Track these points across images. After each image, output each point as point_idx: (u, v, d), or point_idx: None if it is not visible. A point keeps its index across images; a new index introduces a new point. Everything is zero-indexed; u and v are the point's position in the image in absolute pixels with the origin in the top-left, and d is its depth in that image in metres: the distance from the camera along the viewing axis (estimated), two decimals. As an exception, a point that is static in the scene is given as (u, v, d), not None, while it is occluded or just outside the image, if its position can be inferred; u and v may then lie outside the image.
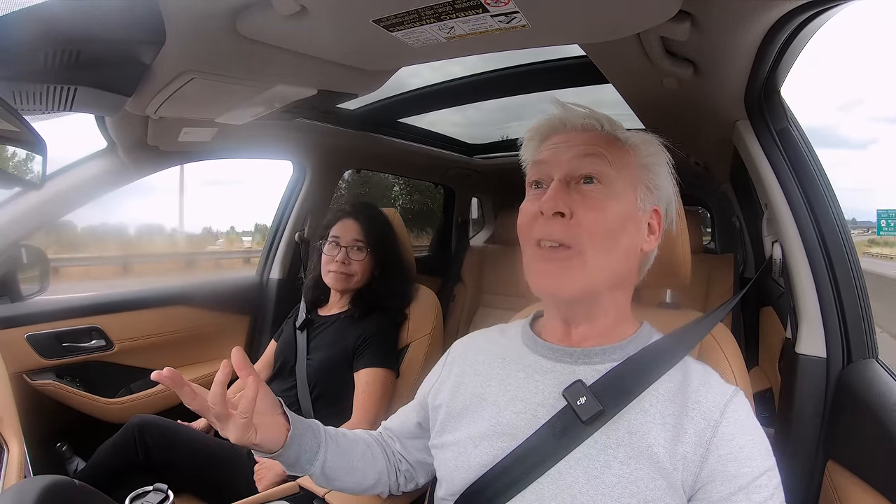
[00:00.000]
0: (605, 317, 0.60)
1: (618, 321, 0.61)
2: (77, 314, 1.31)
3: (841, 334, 0.82)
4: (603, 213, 0.55)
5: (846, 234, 0.86)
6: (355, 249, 1.28)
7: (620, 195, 0.56)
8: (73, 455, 1.18)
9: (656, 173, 0.60)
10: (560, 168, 0.57)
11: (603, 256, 0.55)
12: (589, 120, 0.60)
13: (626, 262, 0.58)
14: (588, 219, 0.54)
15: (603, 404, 0.54)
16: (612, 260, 0.56)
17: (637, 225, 0.58)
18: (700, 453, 0.51)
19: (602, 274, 0.55)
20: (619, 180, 0.57)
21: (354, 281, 1.28)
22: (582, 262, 0.54)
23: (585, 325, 0.60)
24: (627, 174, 0.58)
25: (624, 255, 0.57)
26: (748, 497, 0.49)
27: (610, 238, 0.55)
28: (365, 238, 1.29)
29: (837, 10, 0.64)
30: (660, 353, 0.58)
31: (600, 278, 0.56)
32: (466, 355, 0.69)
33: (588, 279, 0.55)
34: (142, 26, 0.69)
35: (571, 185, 0.56)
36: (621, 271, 0.58)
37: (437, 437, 0.65)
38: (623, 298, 0.61)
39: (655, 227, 0.61)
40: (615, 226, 0.55)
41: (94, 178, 1.22)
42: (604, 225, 0.55)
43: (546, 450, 0.54)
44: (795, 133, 0.93)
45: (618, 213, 0.56)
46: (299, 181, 1.77)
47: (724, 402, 0.53)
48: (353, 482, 0.68)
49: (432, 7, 0.60)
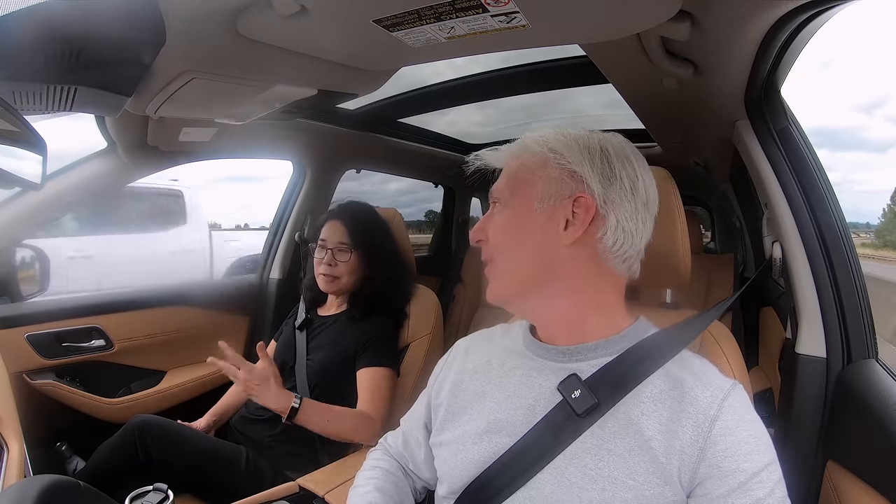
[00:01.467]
0: (555, 313, 0.60)
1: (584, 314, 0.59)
2: (77, 314, 1.31)
3: (841, 334, 0.82)
4: (501, 227, 0.61)
5: (846, 234, 0.86)
6: (340, 251, 1.27)
7: (512, 205, 0.61)
8: (73, 455, 1.17)
9: (558, 163, 0.58)
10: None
11: (508, 261, 0.60)
12: (496, 156, 0.65)
13: (538, 259, 0.58)
14: (492, 237, 0.62)
15: (598, 397, 0.54)
16: (518, 262, 0.60)
17: (538, 226, 0.58)
18: (697, 448, 0.50)
19: (511, 276, 0.61)
20: (513, 192, 0.61)
21: (342, 283, 1.27)
22: (494, 269, 0.62)
23: (543, 325, 0.63)
24: (518, 182, 0.61)
25: (531, 255, 0.59)
26: (749, 493, 0.49)
27: (508, 247, 0.60)
28: (350, 240, 1.27)
29: (837, 9, 0.64)
30: (656, 346, 0.58)
31: (513, 280, 0.61)
32: (468, 354, 0.69)
33: (501, 283, 0.61)
34: (142, 26, 0.69)
35: (491, 213, 0.64)
36: (535, 268, 0.59)
37: (437, 436, 0.66)
38: (568, 291, 0.59)
39: (582, 216, 0.57)
40: (511, 232, 0.60)
41: (94, 178, 1.22)
42: (501, 239, 0.61)
43: (544, 445, 0.54)
44: (795, 133, 0.93)
45: (512, 221, 0.60)
46: (299, 181, 1.77)
47: (722, 395, 0.52)
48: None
49: (432, 7, 0.60)
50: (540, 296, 0.60)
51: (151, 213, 3.64)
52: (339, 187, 1.89)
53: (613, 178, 0.58)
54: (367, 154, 1.89)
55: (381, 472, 0.72)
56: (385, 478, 0.71)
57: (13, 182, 0.67)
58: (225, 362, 1.08)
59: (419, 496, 0.75)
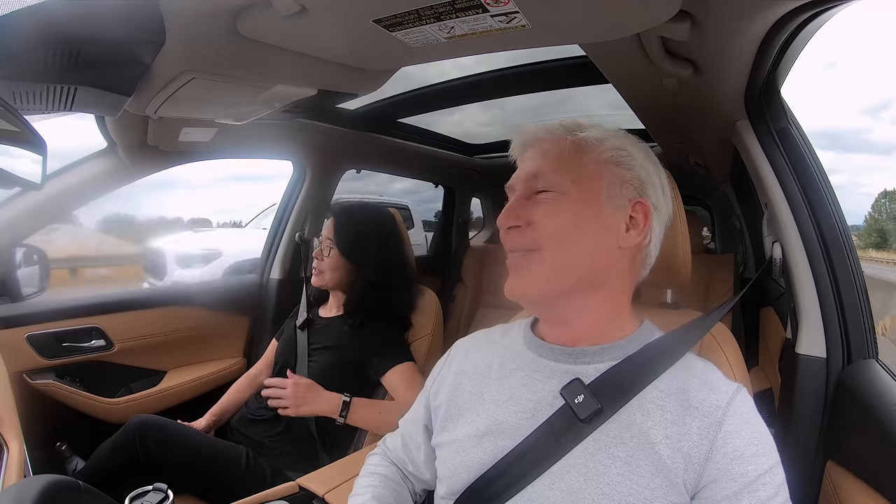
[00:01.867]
0: (586, 318, 0.59)
1: (608, 319, 0.60)
2: (77, 314, 1.31)
3: (841, 334, 0.82)
4: (558, 217, 0.56)
5: (846, 234, 0.86)
6: (325, 247, 1.29)
7: (577, 197, 0.57)
8: (73, 455, 1.18)
9: (628, 166, 0.58)
10: (519, 184, 0.60)
11: (562, 257, 0.56)
12: (543, 133, 0.61)
13: (594, 261, 0.57)
14: (545, 225, 0.56)
15: (601, 402, 0.53)
16: (572, 260, 0.56)
17: (603, 223, 0.57)
18: (703, 451, 0.50)
19: (561, 274, 0.56)
20: (574, 184, 0.57)
21: (325, 278, 1.28)
22: (540, 261, 0.56)
23: (562, 327, 0.60)
24: (585, 175, 0.57)
25: (588, 255, 0.56)
26: (753, 494, 0.49)
27: (567, 239, 0.56)
28: (334, 237, 1.29)
29: (837, 9, 0.64)
30: (659, 351, 0.58)
31: (560, 278, 0.56)
32: (468, 355, 0.69)
33: (545, 280, 0.56)
34: (142, 26, 0.69)
35: (531, 197, 0.59)
36: (587, 271, 0.57)
37: (437, 436, 0.65)
38: (605, 298, 0.59)
39: (640, 221, 0.58)
40: (572, 228, 0.56)
41: (94, 178, 1.22)
42: (560, 228, 0.56)
43: (545, 449, 0.54)
44: (795, 133, 0.93)
45: (574, 215, 0.56)
46: (299, 181, 1.77)
47: (728, 399, 0.53)
48: None
49: (432, 7, 0.60)
50: (577, 296, 0.58)
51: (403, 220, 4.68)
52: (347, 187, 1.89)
53: (663, 188, 0.60)
54: (368, 154, 1.89)
55: (380, 479, 0.71)
56: (383, 484, 0.71)
57: (13, 182, 0.67)
58: (270, 391, 1.13)
59: (419, 499, 0.75)
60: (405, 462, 0.74)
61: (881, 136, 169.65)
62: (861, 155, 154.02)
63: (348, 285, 1.29)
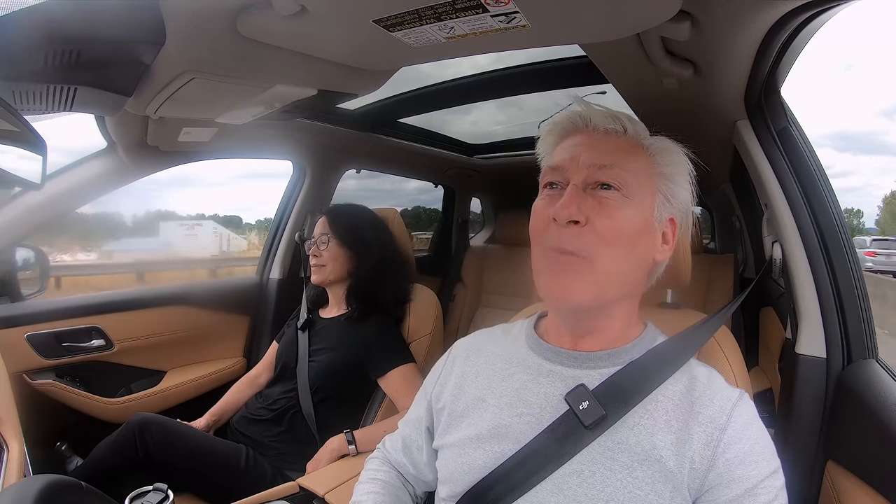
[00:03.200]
0: (611, 325, 0.59)
1: (623, 329, 0.60)
2: (77, 314, 1.31)
3: (841, 334, 0.82)
4: (619, 221, 0.53)
5: (846, 234, 0.86)
6: (322, 242, 1.31)
7: (637, 204, 0.54)
8: (73, 455, 1.18)
9: (676, 183, 0.58)
10: (578, 173, 0.55)
11: (614, 266, 0.53)
12: (612, 123, 0.57)
13: (637, 272, 0.57)
14: (603, 227, 0.52)
15: (606, 409, 0.53)
16: (622, 270, 0.54)
17: (651, 235, 0.57)
18: (708, 457, 0.50)
19: (612, 284, 0.54)
20: (637, 189, 0.54)
21: (328, 271, 1.29)
22: (591, 269, 0.52)
23: (591, 335, 0.59)
24: (646, 183, 0.56)
25: (635, 266, 0.56)
26: (754, 499, 0.49)
27: (623, 248, 0.53)
28: (330, 229, 1.31)
29: (837, 9, 0.64)
30: (663, 357, 0.58)
31: (610, 288, 0.54)
32: (468, 355, 0.68)
33: (597, 288, 0.53)
34: (142, 26, 0.69)
35: (588, 190, 0.54)
36: (631, 281, 0.57)
37: (440, 439, 0.65)
38: (630, 307, 0.60)
39: (669, 237, 0.59)
40: (629, 235, 0.53)
41: (94, 178, 1.23)
42: (618, 234, 0.53)
43: (548, 454, 0.54)
44: (795, 133, 0.92)
45: (633, 222, 0.54)
46: (299, 181, 1.77)
47: (731, 405, 0.53)
48: None
49: (432, 7, 0.60)
50: (612, 309, 0.57)
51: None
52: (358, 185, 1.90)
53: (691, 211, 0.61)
54: (367, 154, 1.89)
55: (380, 485, 0.70)
56: (384, 491, 0.69)
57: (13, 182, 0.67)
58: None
59: (419, 501, 0.74)
60: (406, 465, 0.73)
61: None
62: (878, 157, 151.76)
63: (350, 274, 1.30)
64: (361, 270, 1.29)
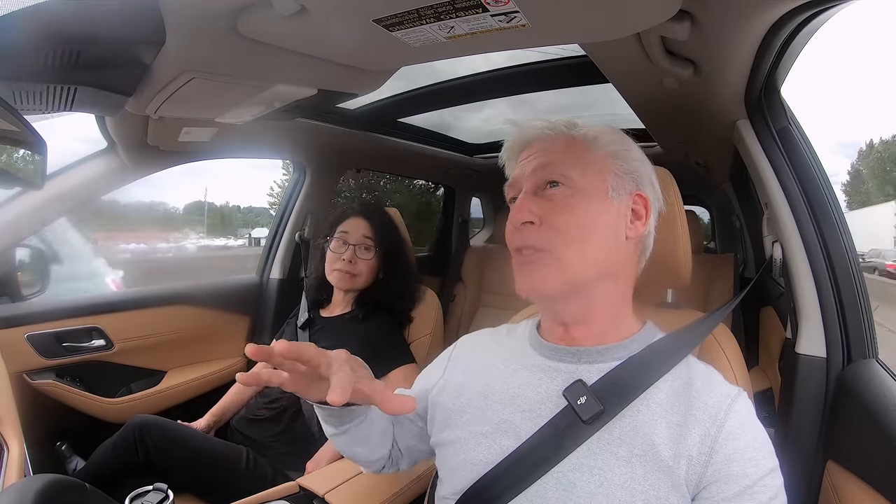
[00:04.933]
0: (600, 311, 0.59)
1: (617, 317, 0.61)
2: (77, 314, 1.31)
3: (841, 334, 0.82)
4: (571, 212, 0.57)
5: (846, 234, 0.86)
6: (363, 249, 1.26)
7: (586, 191, 0.58)
8: (73, 455, 1.17)
9: (625, 159, 0.60)
10: (527, 181, 0.60)
11: (577, 252, 0.56)
12: (544, 130, 0.62)
13: (608, 253, 0.58)
14: (557, 221, 0.57)
15: (603, 404, 0.54)
16: (587, 253, 0.57)
17: (612, 215, 0.58)
18: (705, 453, 0.51)
19: (579, 267, 0.56)
20: (583, 177, 0.58)
21: (360, 281, 1.27)
22: (556, 259, 0.56)
23: (581, 324, 0.60)
24: (591, 169, 0.59)
25: (602, 247, 0.57)
26: (753, 497, 0.49)
27: (580, 234, 0.57)
28: (375, 238, 1.27)
29: (837, 9, 0.64)
30: (661, 352, 0.58)
31: (578, 271, 0.57)
32: (472, 352, 0.69)
33: (564, 274, 0.56)
34: (142, 26, 0.69)
35: (539, 192, 0.59)
36: (603, 262, 0.58)
37: (439, 435, 0.65)
38: (616, 291, 0.60)
39: (642, 212, 0.60)
40: (584, 222, 0.57)
41: (94, 178, 1.22)
42: (572, 224, 0.57)
43: (548, 449, 0.54)
44: (795, 133, 0.93)
45: (585, 210, 0.57)
46: (299, 181, 1.77)
47: (729, 402, 0.53)
48: (363, 454, 0.68)
49: (432, 7, 0.60)
50: (588, 292, 0.58)
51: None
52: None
53: (654, 182, 0.63)
54: (367, 154, 1.89)
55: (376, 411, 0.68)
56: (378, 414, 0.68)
57: (13, 182, 0.67)
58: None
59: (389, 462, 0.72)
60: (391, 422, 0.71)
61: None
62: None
63: (372, 283, 1.29)
64: (385, 281, 1.27)
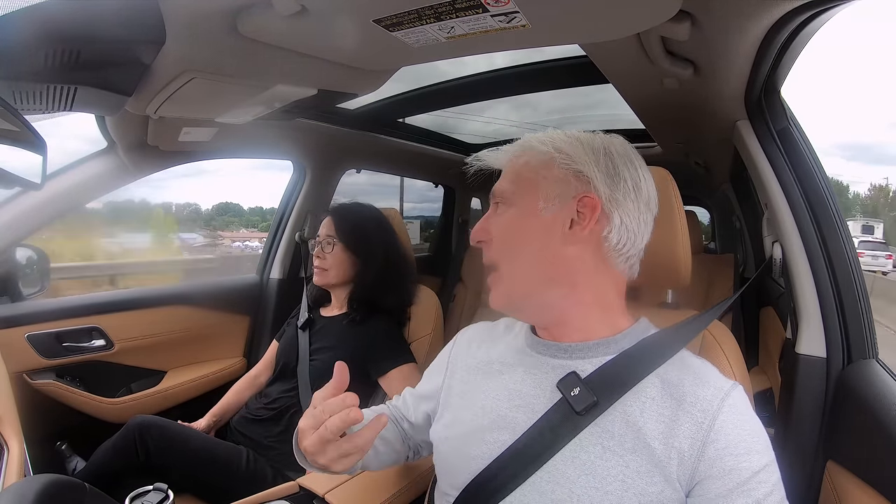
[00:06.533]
0: (570, 314, 0.60)
1: (594, 315, 0.60)
2: (77, 314, 1.31)
3: (841, 334, 0.82)
4: (504, 226, 0.61)
5: (846, 234, 0.86)
6: (326, 244, 1.29)
7: (518, 204, 0.60)
8: (73, 455, 1.18)
9: (563, 165, 0.59)
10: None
11: (512, 265, 0.59)
12: (496, 157, 0.65)
13: (546, 262, 0.58)
14: (496, 236, 0.61)
15: (597, 395, 0.54)
16: (522, 265, 0.59)
17: (542, 225, 0.58)
18: (697, 447, 0.50)
19: (516, 281, 0.59)
20: (516, 192, 0.60)
21: (331, 275, 1.28)
22: (499, 276, 0.60)
23: (557, 325, 0.61)
24: (523, 182, 0.60)
25: (538, 257, 0.58)
26: (748, 493, 0.49)
27: (514, 246, 0.60)
28: (336, 233, 1.30)
29: (837, 10, 0.64)
30: (655, 346, 0.58)
31: (515, 285, 0.60)
32: (470, 348, 0.70)
33: (506, 290, 0.60)
34: (142, 26, 0.69)
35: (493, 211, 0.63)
36: (541, 273, 0.58)
37: (439, 431, 0.66)
38: (579, 294, 0.59)
39: (587, 214, 0.57)
40: (515, 235, 0.60)
41: (94, 178, 1.22)
42: (505, 236, 0.60)
43: (543, 442, 0.55)
44: (795, 133, 0.93)
45: (515, 223, 0.60)
46: (299, 181, 1.77)
47: (722, 395, 0.53)
48: (380, 462, 0.74)
49: (432, 7, 0.60)
50: (545, 298, 0.60)
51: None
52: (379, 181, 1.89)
53: (618, 179, 0.59)
54: (367, 154, 1.89)
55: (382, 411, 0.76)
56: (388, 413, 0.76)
57: (13, 182, 0.67)
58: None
59: (412, 454, 0.78)
60: (402, 419, 0.77)
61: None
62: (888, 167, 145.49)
63: (353, 280, 1.30)
64: (365, 277, 1.28)
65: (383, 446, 0.73)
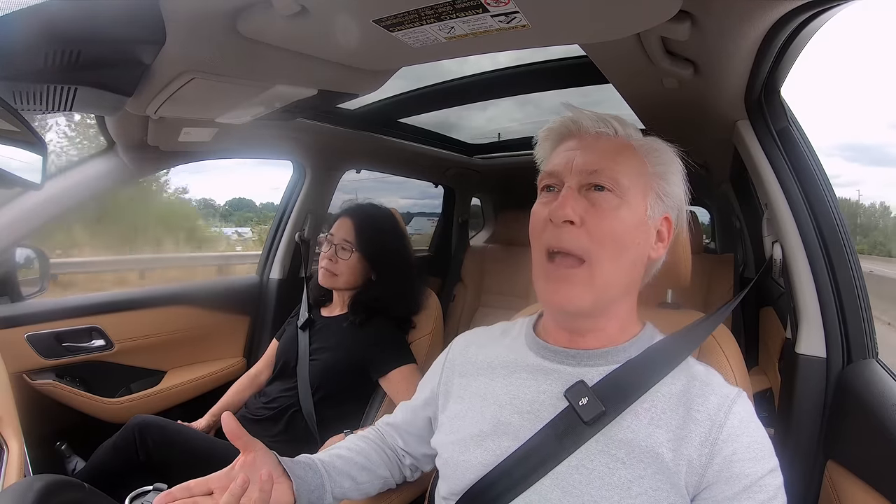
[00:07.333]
0: (609, 325, 0.59)
1: (621, 327, 0.60)
2: (77, 314, 1.31)
3: (841, 334, 0.82)
4: (613, 221, 0.54)
5: (846, 234, 0.86)
6: (342, 249, 1.27)
7: (631, 204, 0.55)
8: (73, 455, 1.18)
9: (668, 181, 0.59)
10: (572, 175, 0.56)
11: (611, 267, 0.54)
12: (603, 126, 0.59)
13: (634, 271, 0.58)
14: (598, 228, 0.54)
15: (605, 405, 0.54)
16: (620, 271, 0.55)
17: (646, 234, 0.57)
18: (705, 454, 0.51)
19: (609, 286, 0.55)
20: (631, 189, 0.56)
21: (340, 281, 1.27)
22: (590, 275, 0.54)
23: (591, 332, 0.60)
24: (639, 182, 0.57)
25: (632, 265, 0.57)
26: (752, 497, 0.49)
27: (619, 248, 0.55)
28: (355, 239, 1.27)
29: (837, 10, 0.64)
30: (662, 354, 0.58)
31: (607, 290, 0.55)
32: (468, 353, 0.69)
33: (595, 293, 0.55)
34: (142, 26, 0.69)
35: (582, 191, 0.56)
36: (628, 281, 0.58)
37: (439, 436, 0.66)
38: (628, 305, 0.60)
39: (665, 235, 0.60)
40: (624, 235, 0.55)
41: (94, 178, 1.22)
42: (613, 234, 0.54)
43: (548, 450, 0.54)
44: (795, 133, 0.93)
45: (628, 222, 0.55)
46: (299, 181, 1.77)
47: (729, 403, 0.53)
48: (362, 492, 0.71)
49: (432, 7, 0.60)
50: (615, 306, 0.58)
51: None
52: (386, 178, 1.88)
53: (682, 207, 0.61)
54: (367, 154, 1.89)
55: (360, 438, 0.75)
56: (362, 441, 0.74)
57: (13, 182, 0.67)
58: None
59: (409, 472, 0.77)
60: (395, 437, 0.76)
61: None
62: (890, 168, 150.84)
63: (361, 285, 1.29)
64: (376, 288, 1.26)
65: (363, 475, 0.70)
